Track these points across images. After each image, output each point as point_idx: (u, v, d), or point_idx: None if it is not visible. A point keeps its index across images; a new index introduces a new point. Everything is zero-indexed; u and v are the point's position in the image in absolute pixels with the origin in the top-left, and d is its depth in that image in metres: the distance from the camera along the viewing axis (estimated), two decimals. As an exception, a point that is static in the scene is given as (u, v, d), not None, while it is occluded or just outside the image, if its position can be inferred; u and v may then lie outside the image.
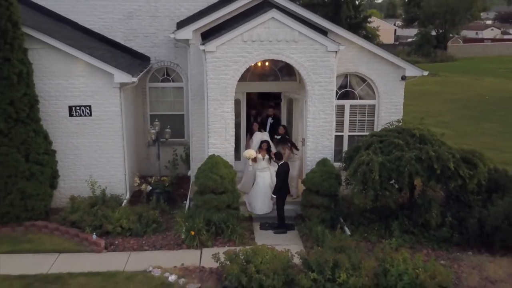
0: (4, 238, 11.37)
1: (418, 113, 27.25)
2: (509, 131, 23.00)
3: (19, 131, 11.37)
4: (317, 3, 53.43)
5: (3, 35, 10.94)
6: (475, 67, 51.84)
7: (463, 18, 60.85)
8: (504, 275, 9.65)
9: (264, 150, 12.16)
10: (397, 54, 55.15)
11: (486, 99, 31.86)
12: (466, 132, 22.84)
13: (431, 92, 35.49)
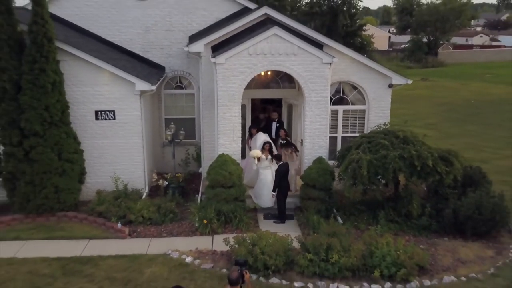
0: (40, 226, 12.43)
1: (408, 116, 28.07)
2: (489, 132, 23.95)
3: (53, 133, 12.41)
4: (316, 12, 53.95)
5: (40, 49, 11.99)
6: (463, 72, 52.41)
7: (453, 26, 61.47)
8: (473, 257, 10.71)
9: (267, 150, 13.10)
10: (391, 60, 56.08)
11: (471, 103, 32.71)
12: (451, 133, 23.75)
13: (421, 96, 36.30)
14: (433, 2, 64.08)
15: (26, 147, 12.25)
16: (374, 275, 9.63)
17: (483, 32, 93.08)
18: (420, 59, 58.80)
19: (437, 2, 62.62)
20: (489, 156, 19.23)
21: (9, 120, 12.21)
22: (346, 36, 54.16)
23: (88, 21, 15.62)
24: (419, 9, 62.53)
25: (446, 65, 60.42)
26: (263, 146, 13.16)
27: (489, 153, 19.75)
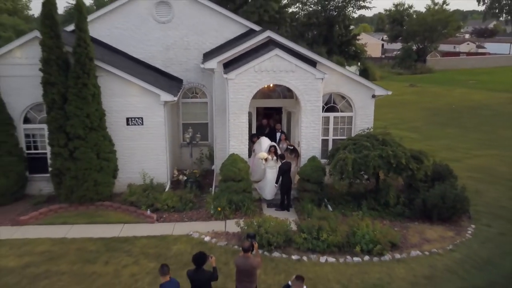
0: (82, 214, 14.32)
1: (395, 120, 30.01)
2: (466, 134, 25.61)
3: (93, 136, 14.30)
4: (313, 23, 55.38)
5: (82, 67, 13.89)
6: (449, 78, 53.68)
7: (440, 35, 62.93)
8: (437, 237, 12.60)
9: (273, 152, 14.90)
10: (383, 67, 57.62)
11: (453, 108, 34.29)
12: (431, 136, 25.39)
13: (408, 102, 37.81)
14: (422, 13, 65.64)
15: (71, 148, 14.15)
16: (355, 250, 11.55)
17: (470, 40, 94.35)
18: (409, 66, 60.21)
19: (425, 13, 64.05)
20: (462, 156, 21.00)
21: (57, 126, 14.12)
22: (341, 45, 55.84)
23: (117, 41, 17.50)
24: (409, 20, 63.91)
25: (434, 71, 61.76)
26: (269, 149, 14.93)
27: (462, 153, 21.50)
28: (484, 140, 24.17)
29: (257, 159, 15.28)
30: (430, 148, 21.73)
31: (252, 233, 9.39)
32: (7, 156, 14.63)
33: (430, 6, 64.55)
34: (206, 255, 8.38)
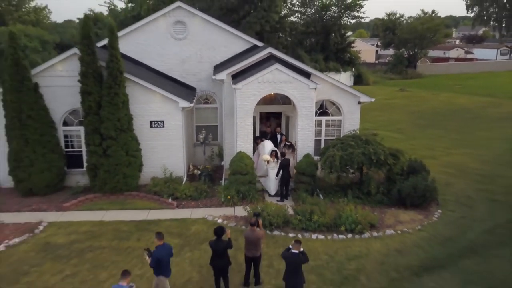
0: (114, 202, 16.38)
1: (384, 122, 32.06)
2: (445, 135, 27.53)
3: (122, 137, 16.39)
4: (311, 31, 57.32)
5: (114, 79, 15.98)
6: (437, 83, 55.22)
7: (429, 42, 64.76)
8: (409, 219, 14.70)
9: (274, 156, 16.88)
10: (376, 72, 59.40)
11: (437, 111, 36.26)
12: (415, 136, 27.30)
13: (397, 105, 39.62)
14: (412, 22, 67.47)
15: (104, 147, 16.25)
16: (340, 229, 13.67)
17: (459, 46, 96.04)
18: (401, 72, 61.87)
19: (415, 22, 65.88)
20: (439, 154, 23.02)
21: (93, 128, 16.23)
22: (337, 52, 57.74)
23: (141, 55, 19.59)
24: (401, 28, 65.76)
25: (423, 76, 63.19)
26: (271, 152, 16.95)
27: (440, 152, 23.51)
28: (461, 140, 26.13)
29: (261, 159, 17.32)
30: (412, 147, 23.92)
31: (257, 212, 11.53)
32: (50, 153, 16.73)
33: (420, 15, 66.59)
34: (224, 228, 10.50)
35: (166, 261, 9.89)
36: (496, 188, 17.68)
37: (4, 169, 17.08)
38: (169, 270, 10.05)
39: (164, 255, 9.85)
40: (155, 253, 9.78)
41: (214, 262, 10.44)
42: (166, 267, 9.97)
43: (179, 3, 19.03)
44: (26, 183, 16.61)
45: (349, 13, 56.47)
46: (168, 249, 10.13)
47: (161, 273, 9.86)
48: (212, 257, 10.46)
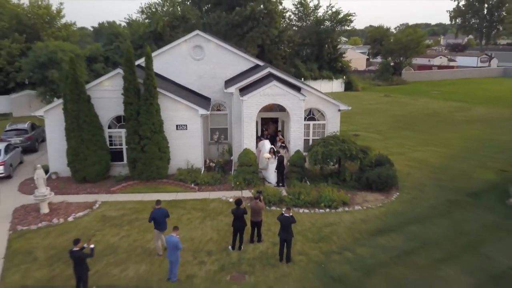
0: (149, 187, 20.06)
1: (366, 124, 35.52)
2: (415, 136, 30.85)
3: (156, 137, 20.12)
4: (307, 43, 60.67)
5: (149, 92, 19.70)
6: (418, 89, 58.42)
7: (413, 52, 68.22)
8: (373, 199, 18.43)
9: (272, 153, 20.45)
10: (365, 79, 62.92)
11: (412, 115, 39.73)
12: (390, 136, 30.77)
13: (380, 109, 42.90)
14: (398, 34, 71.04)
15: (142, 145, 19.99)
16: (321, 205, 17.39)
17: (443, 54, 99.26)
18: (387, 79, 65.16)
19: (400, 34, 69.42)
20: (407, 151, 26.64)
21: (133, 130, 19.98)
22: (330, 61, 61.30)
23: (167, 72, 23.29)
24: (387, 40, 69.16)
25: (408, 83, 66.11)
26: (270, 150, 20.57)
27: (407, 149, 27.12)
28: (427, 140, 29.69)
29: (262, 156, 20.97)
30: (386, 145, 27.64)
31: (259, 190, 15.31)
32: (99, 150, 20.51)
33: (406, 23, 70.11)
34: (242, 200, 14.26)
35: (160, 220, 13.88)
36: (444, 177, 21.41)
37: (63, 162, 20.84)
38: (163, 227, 14.00)
39: (158, 216, 13.86)
40: (151, 214, 13.95)
41: (235, 224, 14.19)
42: (160, 224, 13.93)
43: (198, 31, 22.84)
44: (81, 172, 20.42)
45: (341, 27, 60.01)
46: (164, 212, 14.00)
47: (156, 227, 13.98)
48: (233, 220, 14.20)
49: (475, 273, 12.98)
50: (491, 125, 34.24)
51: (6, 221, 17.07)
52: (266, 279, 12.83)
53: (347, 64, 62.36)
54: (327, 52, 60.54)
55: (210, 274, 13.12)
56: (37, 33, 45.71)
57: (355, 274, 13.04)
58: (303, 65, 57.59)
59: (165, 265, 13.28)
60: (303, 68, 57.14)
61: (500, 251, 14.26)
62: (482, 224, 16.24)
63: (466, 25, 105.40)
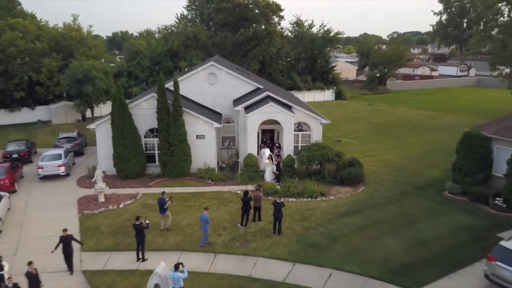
0: (176, 182, 25.05)
1: (348, 131, 40.10)
2: (387, 141, 35.49)
3: (181, 144, 25.09)
4: (302, 58, 65.44)
5: (177, 111, 24.64)
6: (399, 98, 62.50)
7: (396, 65, 73.02)
8: (344, 192, 23.34)
9: (270, 159, 25.29)
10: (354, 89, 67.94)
11: (389, 122, 44.25)
12: (366, 142, 35.44)
13: (362, 117, 47.23)
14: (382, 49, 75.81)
15: (171, 150, 24.98)
16: (304, 196, 22.33)
17: (426, 64, 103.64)
18: (373, 88, 70.13)
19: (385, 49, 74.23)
20: (377, 154, 31.45)
21: (164, 139, 24.96)
22: (322, 74, 66.03)
23: (189, 93, 28.15)
24: (373, 53, 73.83)
25: (391, 92, 70.41)
26: (269, 157, 25.44)
27: (378, 152, 31.91)
28: (396, 144, 34.46)
29: (262, 162, 25.75)
30: (361, 149, 32.45)
31: (260, 184, 20.34)
32: (138, 154, 25.48)
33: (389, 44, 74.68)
34: (248, 191, 19.23)
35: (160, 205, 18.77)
36: (400, 174, 26.32)
37: (110, 163, 25.81)
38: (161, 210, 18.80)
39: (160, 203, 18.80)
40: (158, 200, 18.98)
41: (243, 208, 19.12)
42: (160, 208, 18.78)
43: (212, 62, 27.86)
44: (125, 171, 25.42)
45: (331, 45, 64.85)
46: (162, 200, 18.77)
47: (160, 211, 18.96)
48: (242, 205, 19.11)
49: (407, 241, 17.89)
50: (452, 132, 38.66)
51: (74, 207, 22.11)
52: (264, 245, 17.75)
53: (338, 76, 67.14)
54: (320, 66, 65.29)
55: (226, 242, 18.05)
56: (71, 52, 50.63)
57: (325, 241, 17.97)
58: (298, 77, 62.37)
59: (194, 236, 18.30)
60: (298, 80, 61.96)
61: (429, 227, 19.16)
62: (420, 209, 21.15)
63: (447, 38, 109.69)
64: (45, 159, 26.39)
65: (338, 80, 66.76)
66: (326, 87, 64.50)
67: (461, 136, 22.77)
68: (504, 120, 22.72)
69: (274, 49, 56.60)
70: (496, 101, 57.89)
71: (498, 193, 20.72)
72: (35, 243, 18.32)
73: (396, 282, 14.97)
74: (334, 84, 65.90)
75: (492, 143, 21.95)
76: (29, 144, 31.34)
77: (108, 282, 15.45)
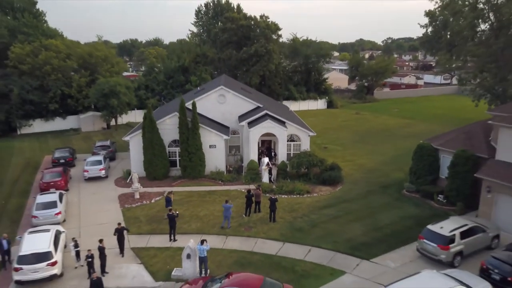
0: (194, 183, 30.29)
1: (334, 138, 44.98)
2: (365, 147, 40.37)
3: (198, 152, 30.42)
4: (298, 71, 70.59)
5: (195, 126, 30.00)
6: (383, 107, 66.72)
7: (382, 76, 78.15)
8: (325, 190, 28.62)
9: (267, 165, 30.62)
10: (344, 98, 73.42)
11: (370, 130, 49.41)
12: (348, 148, 40.38)
13: (348, 126, 51.77)
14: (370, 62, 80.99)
15: (190, 157, 30.35)
16: (294, 193, 27.66)
17: (412, 72, 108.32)
18: (361, 97, 75.26)
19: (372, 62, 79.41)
20: (356, 158, 36.63)
21: (184, 148, 30.32)
22: (316, 85, 71.09)
23: (203, 111, 33.32)
24: (362, 66, 78.99)
25: (378, 100, 75.15)
26: (266, 164, 30.70)
27: (357, 157, 37.07)
28: (372, 150, 39.58)
29: (262, 168, 30.97)
30: (343, 155, 37.68)
31: (259, 184, 25.74)
32: (164, 160, 30.81)
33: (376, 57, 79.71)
34: (250, 190, 24.61)
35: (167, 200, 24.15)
36: (372, 176, 31.60)
37: (140, 167, 31.11)
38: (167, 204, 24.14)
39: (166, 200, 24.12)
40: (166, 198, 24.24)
41: (247, 202, 24.44)
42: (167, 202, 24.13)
43: (222, 86, 33.20)
44: (153, 174, 30.77)
45: (323, 60, 70.10)
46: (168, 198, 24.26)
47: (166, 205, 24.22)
48: (246, 200, 24.44)
49: (367, 226, 23.18)
50: (421, 139, 43.72)
51: (116, 202, 27.47)
52: (263, 229, 23.06)
53: (329, 86, 72.32)
54: (313, 78, 70.45)
55: (234, 227, 23.34)
56: (96, 68, 55.99)
57: (307, 227, 23.27)
58: (294, 88, 67.56)
59: (210, 223, 23.66)
60: (294, 91, 67.17)
61: (385, 216, 24.44)
62: (382, 203, 26.44)
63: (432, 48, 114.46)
64: (89, 164, 31.78)
65: (329, 90, 71.85)
66: (319, 96, 69.63)
67: (416, 147, 28.02)
68: (448, 135, 27.96)
69: (273, 65, 61.79)
70: (467, 109, 61.97)
71: (441, 191, 25.98)
72: (92, 228, 23.68)
73: (355, 254, 20.27)
74: (326, 94, 70.99)
75: (439, 153, 27.20)
76: (72, 151, 36.72)
77: (150, 255, 20.79)
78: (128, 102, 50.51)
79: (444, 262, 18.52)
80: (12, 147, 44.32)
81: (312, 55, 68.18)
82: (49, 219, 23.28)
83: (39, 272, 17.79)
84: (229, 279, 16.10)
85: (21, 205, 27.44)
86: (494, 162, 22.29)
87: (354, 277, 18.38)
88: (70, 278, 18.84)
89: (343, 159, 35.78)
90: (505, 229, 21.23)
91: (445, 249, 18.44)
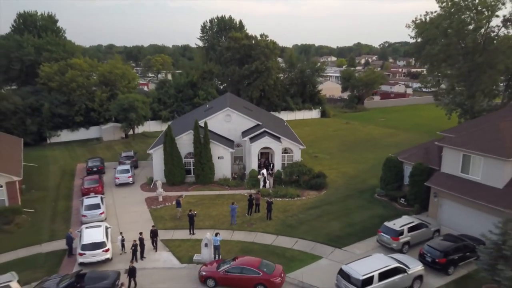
0: (205, 188, 36.28)
1: (324, 148, 50.69)
2: (350, 156, 46.06)
3: (209, 163, 36.41)
4: (294, 83, 76.41)
5: (206, 142, 36.04)
6: (372, 117, 71.73)
7: (371, 88, 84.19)
8: (312, 194, 34.51)
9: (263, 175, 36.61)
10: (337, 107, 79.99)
11: (356, 140, 54.95)
12: (335, 157, 46.04)
13: (338, 135, 57.23)
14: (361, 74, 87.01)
15: (202, 167, 36.37)
16: (287, 196, 33.64)
17: (401, 81, 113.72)
18: (352, 107, 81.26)
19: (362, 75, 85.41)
20: (340, 166, 42.43)
21: (198, 159, 36.38)
22: (311, 96, 76.97)
23: (213, 128, 39.26)
24: (353, 78, 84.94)
25: (368, 110, 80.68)
26: (262, 173, 36.62)
27: (341, 165, 42.87)
28: (355, 159, 45.33)
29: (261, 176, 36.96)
30: (330, 163, 43.57)
31: (259, 190, 31.78)
32: (181, 169, 36.82)
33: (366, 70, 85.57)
34: (252, 194, 30.65)
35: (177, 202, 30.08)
36: (352, 182, 37.52)
37: (162, 175, 37.13)
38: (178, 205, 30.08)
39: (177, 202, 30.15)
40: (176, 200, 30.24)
41: (249, 204, 30.45)
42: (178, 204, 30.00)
43: (228, 108, 39.23)
44: (172, 180, 36.81)
45: (318, 74, 76.07)
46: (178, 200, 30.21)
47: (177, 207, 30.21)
48: (248, 203, 30.44)
49: (343, 223, 29.13)
50: (400, 149, 49.25)
51: (144, 204, 33.49)
52: (261, 225, 29.04)
53: (323, 97, 78.24)
54: (308, 90, 76.30)
55: (238, 224, 29.33)
56: (115, 84, 61.99)
57: (296, 224, 29.23)
58: (291, 99, 73.49)
59: (221, 221, 29.65)
60: (291, 102, 73.11)
61: (359, 216, 30.38)
62: (357, 205, 32.39)
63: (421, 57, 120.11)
64: (119, 172, 37.84)
65: (323, 101, 77.74)
66: (314, 107, 75.52)
67: (385, 159, 33.99)
68: (412, 150, 33.94)
69: (271, 80, 67.79)
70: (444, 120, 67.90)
71: (404, 196, 31.95)
72: (128, 225, 29.67)
73: (331, 244, 26.20)
74: (320, 104, 76.92)
75: (403, 164, 33.17)
76: (102, 160, 42.79)
77: (176, 244, 26.79)
78: (144, 115, 56.52)
79: (395, 249, 24.49)
80: (46, 155, 50.36)
81: (307, 70, 74.04)
82: (95, 217, 29.28)
83: (96, 256, 23.81)
84: (236, 261, 22.12)
85: (67, 207, 33.47)
86: (440, 174, 28.26)
87: (329, 261, 24.34)
88: (118, 262, 24.83)
89: (330, 167, 41.68)
90: (447, 225, 27.19)
91: (396, 240, 24.43)
